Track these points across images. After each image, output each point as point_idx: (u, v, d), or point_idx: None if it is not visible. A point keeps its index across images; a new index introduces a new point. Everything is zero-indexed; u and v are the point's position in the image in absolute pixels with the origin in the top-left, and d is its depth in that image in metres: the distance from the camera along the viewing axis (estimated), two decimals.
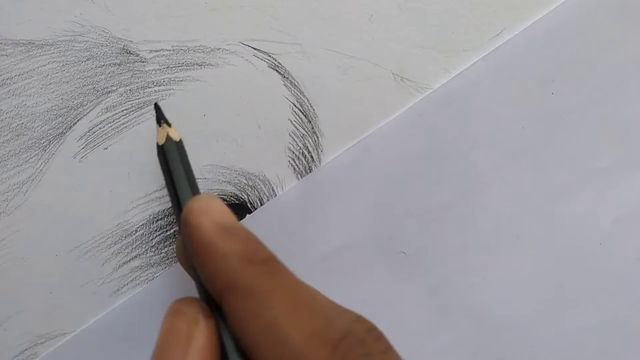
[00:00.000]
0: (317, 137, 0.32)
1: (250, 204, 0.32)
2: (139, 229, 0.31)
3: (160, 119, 0.28)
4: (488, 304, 0.33)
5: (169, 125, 0.27)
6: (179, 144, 0.27)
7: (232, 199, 0.32)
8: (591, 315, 0.33)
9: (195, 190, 0.26)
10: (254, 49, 0.31)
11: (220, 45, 0.31)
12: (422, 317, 0.33)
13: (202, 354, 0.21)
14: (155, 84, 0.30)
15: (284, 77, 0.32)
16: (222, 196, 0.32)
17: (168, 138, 0.27)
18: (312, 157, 0.32)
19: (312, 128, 0.32)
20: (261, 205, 0.32)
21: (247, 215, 0.32)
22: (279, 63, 0.31)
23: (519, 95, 0.33)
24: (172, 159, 0.26)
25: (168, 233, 0.31)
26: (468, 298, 0.33)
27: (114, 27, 0.30)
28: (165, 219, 0.31)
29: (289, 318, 0.19)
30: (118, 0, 0.29)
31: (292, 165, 0.32)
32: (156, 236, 0.31)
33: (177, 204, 0.25)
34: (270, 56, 0.31)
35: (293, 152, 0.32)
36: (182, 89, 0.31)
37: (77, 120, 0.30)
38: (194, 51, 0.30)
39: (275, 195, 0.32)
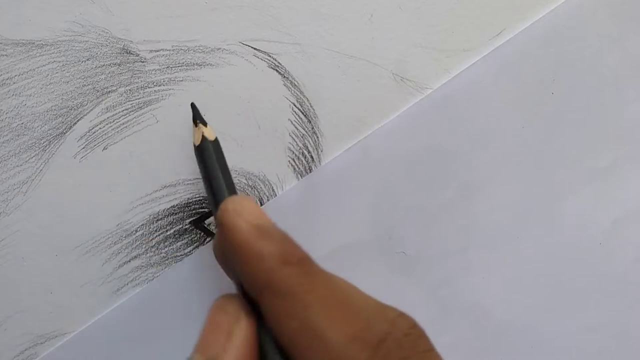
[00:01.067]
0: (317, 137, 0.32)
1: None
2: (139, 229, 0.31)
3: (197, 118, 0.28)
4: (488, 304, 0.33)
5: (205, 124, 0.28)
6: (215, 143, 0.27)
7: None
8: (591, 315, 0.33)
9: (231, 189, 0.26)
10: (254, 49, 0.31)
11: (220, 45, 0.31)
12: (422, 317, 0.33)
13: (240, 350, 0.21)
14: (155, 84, 0.30)
15: (284, 77, 0.32)
16: None
17: (204, 138, 0.27)
18: (312, 157, 0.32)
19: (312, 128, 0.32)
20: (261, 205, 0.32)
21: None
22: (279, 63, 0.31)
23: (519, 95, 0.33)
24: (208, 158, 0.26)
25: (168, 233, 0.31)
26: (468, 298, 0.33)
27: (114, 27, 0.30)
28: (165, 219, 0.31)
29: (327, 319, 0.19)
30: (118, 0, 0.29)
31: (292, 165, 0.32)
32: (156, 236, 0.31)
33: (215, 203, 0.26)
34: (270, 56, 0.31)
35: (293, 152, 0.32)
36: (182, 89, 0.31)
37: (77, 120, 0.30)
38: (194, 51, 0.30)
39: (275, 195, 0.32)
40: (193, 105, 0.29)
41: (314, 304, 0.20)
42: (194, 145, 0.28)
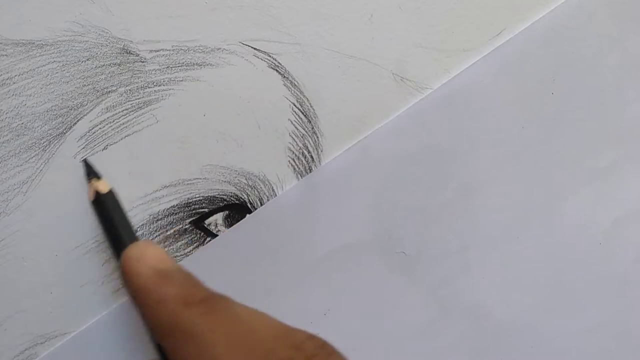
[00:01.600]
0: (317, 137, 0.32)
1: (250, 204, 0.32)
2: (139, 229, 0.31)
3: (89, 174, 0.29)
4: (488, 304, 0.33)
5: (98, 178, 0.28)
6: (110, 195, 0.28)
7: (232, 199, 0.32)
8: (591, 315, 0.33)
9: (131, 238, 0.27)
10: (254, 49, 0.31)
11: (220, 45, 0.31)
12: (422, 317, 0.33)
13: None
14: (155, 84, 0.30)
15: (284, 77, 0.32)
16: (222, 196, 0.32)
17: (98, 192, 0.28)
18: (312, 157, 0.32)
19: (312, 128, 0.32)
20: (261, 205, 0.32)
21: (247, 215, 0.32)
22: (279, 63, 0.31)
23: (519, 95, 0.33)
24: (105, 211, 0.28)
25: (168, 233, 0.31)
26: (468, 298, 0.33)
27: (114, 27, 0.30)
28: (165, 219, 0.31)
29: (229, 355, 0.20)
30: (118, 0, 0.29)
31: (292, 165, 0.32)
32: (156, 236, 0.31)
33: (116, 254, 0.26)
34: (270, 56, 0.31)
35: (293, 152, 0.32)
36: (182, 89, 0.31)
37: (77, 120, 0.30)
38: (194, 51, 0.30)
39: (275, 195, 0.32)
40: (85, 162, 0.30)
41: (217, 342, 0.20)
42: (90, 201, 0.29)
